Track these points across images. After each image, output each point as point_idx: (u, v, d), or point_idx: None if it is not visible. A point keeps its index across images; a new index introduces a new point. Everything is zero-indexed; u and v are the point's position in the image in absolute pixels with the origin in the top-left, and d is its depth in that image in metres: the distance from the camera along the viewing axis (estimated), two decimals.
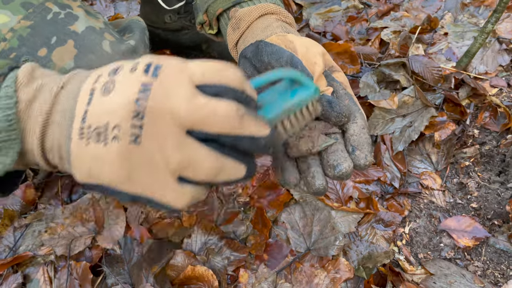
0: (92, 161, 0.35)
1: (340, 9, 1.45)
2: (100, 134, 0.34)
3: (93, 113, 0.35)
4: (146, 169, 0.35)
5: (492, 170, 1.03)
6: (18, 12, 0.55)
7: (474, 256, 0.92)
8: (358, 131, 0.50)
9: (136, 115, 0.33)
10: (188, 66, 0.36)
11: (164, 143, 0.34)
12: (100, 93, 0.35)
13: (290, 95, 0.44)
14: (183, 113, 0.34)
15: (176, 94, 0.34)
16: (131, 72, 0.35)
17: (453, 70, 1.20)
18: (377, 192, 1.02)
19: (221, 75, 0.35)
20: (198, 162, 0.35)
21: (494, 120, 1.10)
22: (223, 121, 0.34)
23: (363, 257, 0.92)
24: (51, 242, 0.93)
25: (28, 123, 0.39)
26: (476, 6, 1.41)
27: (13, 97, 0.38)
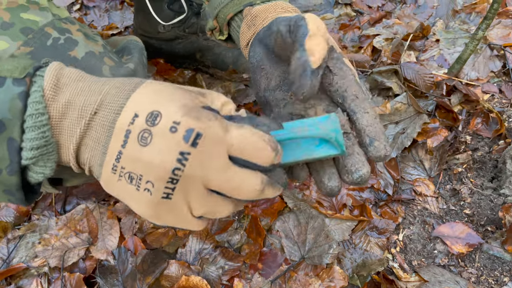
0: (123, 193, 0.40)
1: (333, 17, 1.46)
2: (133, 179, 0.38)
3: (127, 158, 0.38)
4: (173, 215, 0.40)
5: (484, 176, 1.03)
6: (18, 38, 0.54)
7: (468, 262, 0.92)
8: (372, 121, 0.48)
9: (171, 181, 0.37)
10: (228, 137, 0.38)
11: (191, 200, 0.39)
12: (136, 140, 0.37)
13: (317, 145, 0.45)
14: (213, 184, 0.38)
15: (211, 166, 0.37)
16: (171, 132, 0.36)
17: (445, 76, 1.21)
18: (371, 199, 1.03)
19: (256, 156, 0.39)
20: (219, 212, 0.41)
21: (486, 126, 1.11)
22: (247, 193, 0.39)
23: (357, 265, 0.92)
24: (45, 253, 0.93)
25: (61, 138, 0.41)
26: (467, 13, 1.42)
27: (44, 114, 0.39)
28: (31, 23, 0.56)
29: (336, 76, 0.51)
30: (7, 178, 0.40)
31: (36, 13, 0.58)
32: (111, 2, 1.57)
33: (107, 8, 1.56)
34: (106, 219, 0.98)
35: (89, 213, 0.98)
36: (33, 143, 0.39)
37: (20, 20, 0.55)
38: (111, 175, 0.39)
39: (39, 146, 0.39)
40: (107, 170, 0.39)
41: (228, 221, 0.98)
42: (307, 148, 0.45)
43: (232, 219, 0.98)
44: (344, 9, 1.48)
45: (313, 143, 0.45)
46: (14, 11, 0.56)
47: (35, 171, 0.41)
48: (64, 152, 0.42)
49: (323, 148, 0.45)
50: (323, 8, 1.49)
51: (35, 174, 0.41)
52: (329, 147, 0.45)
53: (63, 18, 0.61)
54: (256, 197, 0.40)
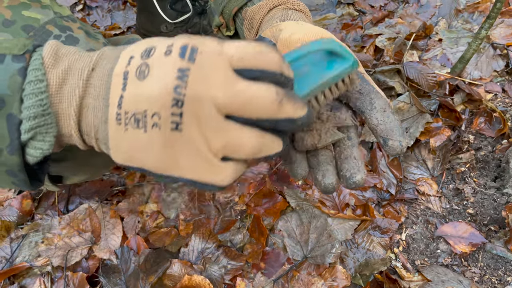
0: (133, 147, 0.36)
1: (335, 16, 1.46)
2: (139, 120, 0.35)
3: (129, 99, 0.35)
4: (189, 154, 0.35)
5: (487, 176, 1.03)
6: (19, 36, 0.54)
7: (471, 262, 0.92)
8: (381, 117, 0.47)
9: (175, 103, 0.33)
10: (225, 49, 0.35)
11: (205, 128, 0.34)
12: (135, 77, 0.35)
13: (327, 67, 0.42)
14: (222, 100, 0.33)
15: (214, 80, 0.34)
16: (166, 55, 0.34)
17: (447, 76, 1.21)
18: (374, 199, 1.02)
19: (259, 59, 0.35)
20: (241, 143, 0.35)
21: (489, 125, 1.11)
22: (262, 107, 0.34)
23: (360, 264, 0.92)
24: (48, 253, 0.93)
25: (60, 107, 0.39)
26: (470, 12, 1.41)
27: (43, 81, 0.38)
28: (32, 20, 0.56)
29: None
30: (8, 157, 0.39)
31: (38, 10, 0.58)
32: (114, 2, 1.58)
33: (109, 8, 1.56)
34: (109, 219, 0.98)
35: (92, 213, 0.98)
36: (30, 111, 0.37)
37: (21, 18, 0.56)
38: (117, 129, 0.36)
39: (37, 115, 0.38)
40: (112, 123, 0.36)
41: (231, 220, 0.98)
42: (318, 73, 0.41)
43: (235, 218, 0.98)
44: (347, 8, 1.48)
45: (322, 67, 0.42)
46: (15, 8, 0.56)
47: (34, 146, 0.39)
48: (65, 122, 0.39)
49: (335, 65, 0.41)
50: (325, 7, 1.49)
51: (34, 151, 0.39)
52: (340, 62, 0.42)
53: (65, 16, 0.61)
54: (275, 112, 0.34)
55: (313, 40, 0.42)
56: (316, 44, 0.41)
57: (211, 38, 0.35)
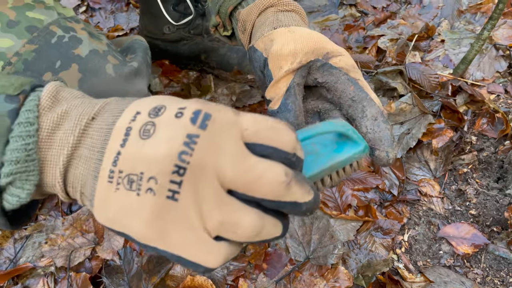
0: (121, 209, 0.32)
1: (338, 17, 1.46)
2: (133, 182, 0.31)
3: (127, 157, 0.32)
4: (181, 228, 0.32)
5: (490, 177, 1.03)
6: (23, 36, 0.55)
7: (474, 263, 0.92)
8: (371, 126, 0.46)
9: (177, 170, 0.30)
10: (240, 120, 0.33)
11: (203, 202, 0.31)
12: (138, 136, 0.32)
13: (337, 150, 0.41)
14: (229, 174, 0.31)
15: (224, 151, 0.31)
16: (176, 117, 0.32)
17: (450, 77, 1.21)
18: (376, 200, 1.02)
19: (274, 137, 0.33)
20: (240, 224, 0.32)
21: (492, 126, 1.11)
22: (269, 188, 0.31)
23: (362, 265, 0.92)
24: (51, 253, 0.94)
25: (49, 154, 0.36)
26: (472, 13, 1.41)
27: (34, 124, 0.35)
28: (36, 21, 0.57)
29: (326, 84, 0.50)
30: None
31: (42, 11, 0.58)
32: (117, 4, 1.58)
33: (112, 10, 1.57)
34: None
35: None
36: (13, 155, 0.34)
37: (25, 19, 0.56)
38: (107, 187, 0.32)
39: (20, 160, 0.34)
40: (103, 180, 0.33)
41: None
42: (328, 155, 0.40)
43: None
44: (349, 10, 1.48)
45: (331, 149, 0.41)
46: (19, 9, 0.57)
47: (11, 193, 0.35)
48: (50, 170, 0.36)
49: (345, 149, 0.41)
50: (327, 9, 1.49)
51: (11, 197, 0.35)
52: (350, 146, 0.41)
53: (68, 17, 0.61)
54: (281, 195, 0.32)
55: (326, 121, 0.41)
56: (328, 126, 0.40)
57: (226, 107, 0.33)
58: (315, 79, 0.51)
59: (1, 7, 0.56)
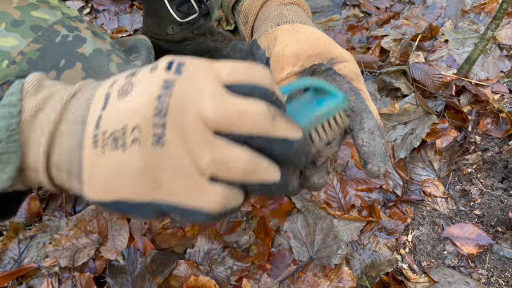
0: (110, 172, 0.31)
1: (341, 18, 1.46)
2: (117, 139, 0.31)
3: (108, 117, 0.32)
4: (173, 173, 0.31)
5: (494, 177, 1.03)
6: (28, 35, 0.55)
7: (478, 263, 0.92)
8: (367, 139, 0.47)
9: (157, 112, 0.30)
10: (214, 64, 0.33)
11: (191, 142, 0.30)
12: (117, 96, 0.32)
13: (317, 103, 0.41)
14: (211, 112, 0.30)
15: (202, 91, 0.30)
16: (151, 71, 0.32)
17: (454, 77, 1.20)
18: (380, 200, 1.02)
19: (250, 74, 0.32)
20: (232, 159, 0.31)
21: (496, 126, 1.10)
22: (254, 121, 0.31)
23: (366, 265, 0.92)
24: (55, 253, 0.94)
25: (31, 135, 0.35)
26: (476, 13, 1.41)
27: (17, 106, 0.35)
28: (41, 20, 0.57)
29: None
30: None
31: (46, 11, 0.59)
32: (121, 5, 1.59)
33: (116, 11, 1.58)
34: (115, 220, 0.98)
35: (99, 214, 0.99)
36: None
37: (30, 18, 0.56)
38: (93, 154, 0.32)
39: (1, 140, 0.34)
40: (88, 148, 0.32)
41: (237, 221, 0.98)
42: (309, 110, 0.40)
43: (241, 219, 0.98)
44: (352, 10, 1.48)
45: (313, 105, 0.41)
46: (24, 9, 0.57)
47: None
48: (33, 151, 0.35)
49: (325, 102, 0.41)
50: (331, 9, 1.49)
51: None
52: (329, 99, 0.41)
53: (73, 17, 0.62)
54: (268, 128, 0.31)
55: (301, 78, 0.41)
56: (304, 81, 0.40)
57: (200, 58, 0.33)
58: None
59: (6, 6, 0.57)
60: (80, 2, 1.60)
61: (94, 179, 0.32)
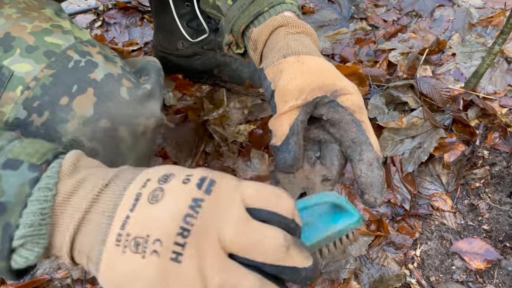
0: (126, 272, 0.33)
1: (348, 31, 1.48)
2: (139, 245, 0.33)
3: (135, 221, 0.34)
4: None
5: (503, 191, 1.03)
6: (41, 61, 0.56)
7: (487, 278, 0.92)
8: (365, 170, 0.49)
9: (181, 232, 0.32)
10: (242, 186, 0.35)
11: (205, 264, 0.32)
12: (147, 201, 0.34)
13: (333, 221, 0.42)
14: (230, 237, 0.33)
15: (226, 216, 0.33)
16: (184, 183, 0.34)
17: (461, 90, 1.21)
18: (388, 214, 1.03)
19: (274, 203, 0.35)
20: (238, 284, 0.33)
21: (504, 140, 1.11)
22: (269, 251, 0.33)
23: (375, 280, 0.92)
24: (68, 265, 0.95)
25: (61, 218, 0.37)
26: (483, 26, 1.42)
27: (52, 189, 0.37)
28: (54, 46, 0.58)
29: (331, 121, 0.52)
30: None
31: (59, 36, 0.60)
32: (131, 18, 1.62)
33: (127, 24, 1.60)
34: None
35: None
36: (29, 218, 0.36)
37: (44, 44, 0.58)
38: (114, 250, 0.34)
39: (34, 223, 0.36)
40: (110, 244, 0.34)
41: None
42: (324, 226, 0.42)
43: None
44: (360, 23, 1.50)
45: (327, 220, 0.42)
46: (38, 34, 0.58)
47: (21, 254, 0.37)
48: (60, 234, 0.37)
49: (340, 220, 0.42)
50: (338, 22, 1.51)
51: (19, 258, 0.37)
52: (345, 217, 0.42)
53: (85, 41, 0.63)
54: (281, 258, 0.33)
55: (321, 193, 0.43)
56: (323, 197, 0.42)
57: (230, 175, 0.36)
58: (321, 115, 0.52)
59: (21, 32, 0.58)
60: (92, 16, 1.63)
61: (110, 274, 0.34)
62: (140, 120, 0.60)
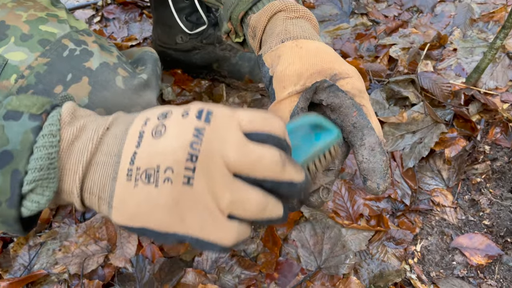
0: (141, 203, 0.35)
1: (349, 26, 1.47)
2: (151, 176, 0.35)
3: (142, 155, 0.35)
4: (197, 210, 0.35)
5: (504, 187, 1.02)
6: (36, 50, 0.56)
7: (487, 274, 0.91)
8: (367, 155, 0.48)
9: (190, 157, 0.34)
10: (237, 113, 0.38)
11: (215, 184, 0.35)
12: (150, 136, 0.36)
13: (315, 138, 0.45)
14: (233, 158, 0.35)
15: (227, 140, 0.36)
16: (183, 117, 0.36)
17: (462, 86, 1.20)
18: (388, 210, 1.02)
19: (267, 124, 0.38)
20: (247, 201, 0.36)
21: (505, 135, 1.10)
22: (268, 167, 0.36)
23: (374, 275, 0.92)
24: (65, 260, 0.95)
25: (68, 162, 0.39)
26: (485, 21, 1.41)
27: (56, 136, 0.38)
28: (49, 35, 0.58)
29: (331, 106, 0.50)
30: (6, 210, 0.39)
31: (55, 25, 0.59)
32: (130, 14, 1.61)
33: (126, 20, 1.59)
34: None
35: (108, 221, 1.00)
36: (38, 163, 0.37)
37: (38, 32, 0.57)
38: (126, 185, 0.36)
39: (43, 167, 0.37)
40: (122, 180, 0.36)
41: None
42: (308, 145, 0.45)
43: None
44: (360, 18, 1.49)
45: (311, 139, 0.45)
46: (33, 23, 0.58)
47: (31, 199, 0.38)
48: (69, 177, 0.39)
49: (321, 137, 0.45)
50: (339, 18, 1.50)
51: (30, 204, 0.38)
52: (325, 134, 0.45)
53: (80, 30, 0.62)
54: (279, 173, 0.37)
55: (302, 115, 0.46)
56: (304, 118, 0.45)
57: (224, 106, 0.38)
58: (320, 100, 0.51)
59: (16, 20, 0.57)
60: (90, 11, 1.62)
61: (124, 207, 0.36)
62: (136, 110, 0.60)
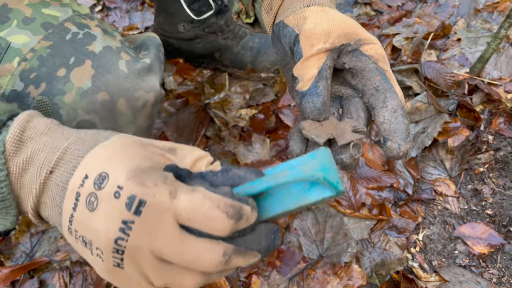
0: (83, 254, 0.38)
1: (352, 16, 1.45)
2: (86, 243, 0.36)
3: (78, 222, 0.36)
4: (132, 284, 0.37)
5: (507, 177, 1.02)
6: (38, 33, 0.55)
7: (490, 263, 0.91)
8: (389, 117, 0.46)
9: (116, 251, 0.34)
10: (175, 205, 0.34)
11: (145, 272, 0.35)
12: (84, 204, 0.35)
13: (308, 189, 0.38)
14: (166, 256, 0.34)
15: (159, 237, 0.34)
16: (115, 197, 0.34)
17: (466, 76, 1.19)
18: (390, 199, 1.02)
19: (209, 225, 0.34)
20: (182, 283, 0.36)
21: (509, 125, 1.09)
22: (208, 266, 0.34)
23: (376, 264, 0.91)
24: (67, 248, 0.95)
25: (21, 192, 0.40)
26: (489, 11, 1.40)
27: (3, 170, 0.39)
28: (51, 18, 0.57)
29: (354, 70, 0.50)
30: None
31: (57, 8, 0.59)
32: (132, 3, 1.60)
33: (128, 9, 1.58)
34: None
35: None
36: None
37: (41, 15, 0.57)
38: (69, 236, 0.37)
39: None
40: (65, 230, 0.37)
41: None
42: (298, 194, 0.39)
43: None
44: (364, 8, 1.48)
45: (303, 186, 0.39)
46: (36, 6, 0.57)
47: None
48: (24, 206, 0.41)
49: (315, 191, 0.38)
50: (342, 7, 1.49)
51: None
52: (321, 188, 0.38)
53: (83, 14, 0.62)
54: (223, 269, 0.35)
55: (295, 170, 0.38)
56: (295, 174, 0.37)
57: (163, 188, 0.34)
58: (343, 63, 0.50)
59: (18, 4, 0.57)
60: (92, 0, 1.61)
61: (73, 246, 0.39)
62: (139, 94, 0.59)
